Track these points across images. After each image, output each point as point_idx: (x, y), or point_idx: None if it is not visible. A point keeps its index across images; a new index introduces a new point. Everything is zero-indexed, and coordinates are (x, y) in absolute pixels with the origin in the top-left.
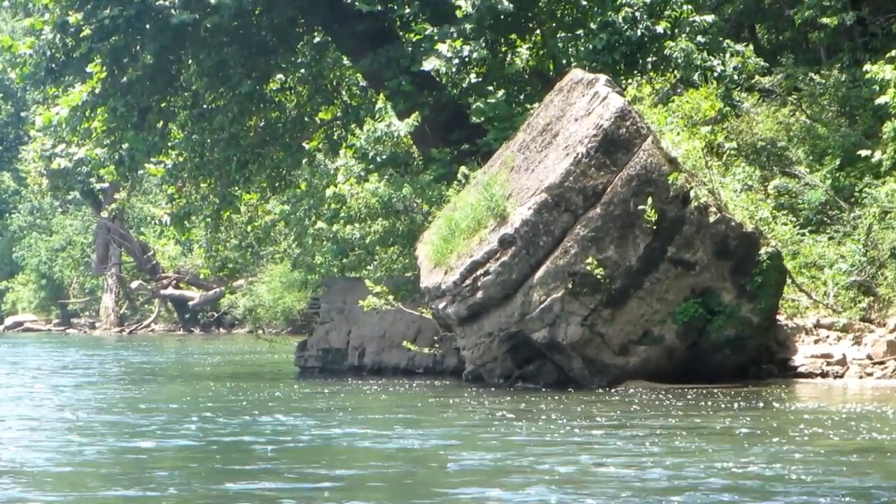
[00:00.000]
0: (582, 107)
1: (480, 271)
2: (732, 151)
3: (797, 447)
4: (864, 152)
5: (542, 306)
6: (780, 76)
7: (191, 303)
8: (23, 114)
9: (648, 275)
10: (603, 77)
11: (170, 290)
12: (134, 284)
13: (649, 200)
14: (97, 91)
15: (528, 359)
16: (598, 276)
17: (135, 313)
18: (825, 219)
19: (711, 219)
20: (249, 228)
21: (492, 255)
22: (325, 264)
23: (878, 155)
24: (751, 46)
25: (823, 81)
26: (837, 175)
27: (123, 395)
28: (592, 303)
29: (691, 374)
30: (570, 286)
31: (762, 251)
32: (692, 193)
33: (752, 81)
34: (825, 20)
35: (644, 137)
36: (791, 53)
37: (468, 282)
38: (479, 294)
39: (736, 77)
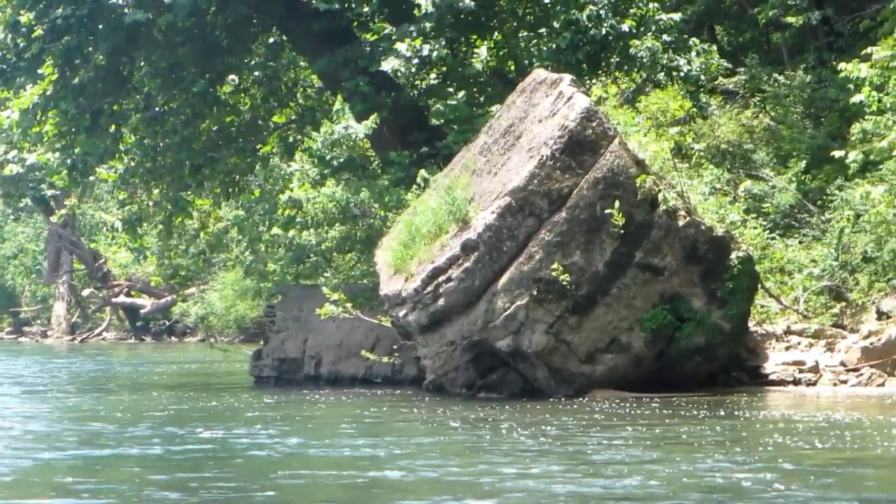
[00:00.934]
0: (546, 107)
1: (442, 278)
2: (701, 153)
3: (765, 457)
4: (838, 153)
5: (506, 314)
6: (744, 77)
7: (142, 311)
8: None
9: (616, 281)
10: (567, 77)
11: (121, 298)
12: (85, 292)
13: (616, 204)
14: (48, 93)
15: (492, 368)
16: (564, 283)
17: (86, 321)
18: (793, 222)
19: (680, 223)
20: (202, 235)
21: (454, 261)
22: (278, 272)
23: (852, 155)
24: (714, 46)
25: (788, 82)
26: (803, 178)
27: (68, 405)
28: (558, 310)
29: (660, 382)
30: (534, 293)
31: (733, 256)
32: (660, 196)
33: (715, 83)
34: (790, 19)
35: (611, 139)
36: (755, 54)
37: (429, 289)
38: (441, 301)
39: (703, 77)
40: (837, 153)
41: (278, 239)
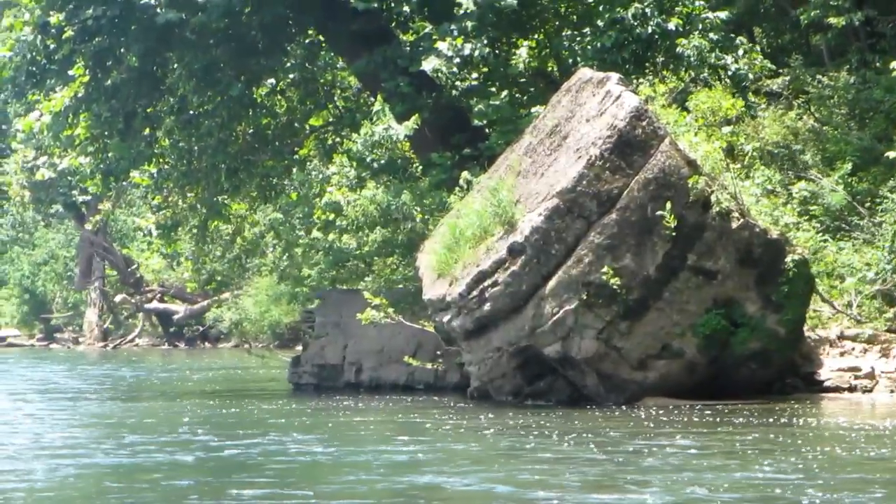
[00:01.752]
0: (593, 107)
1: (488, 282)
2: (754, 153)
3: (819, 466)
4: (892, 153)
5: (554, 319)
6: (788, 78)
7: (175, 317)
8: (3, 126)
9: (668, 285)
10: (615, 75)
11: (154, 304)
12: (118, 298)
13: (668, 205)
14: (80, 95)
15: (539, 374)
16: (614, 287)
17: (119, 327)
18: (843, 225)
19: (734, 224)
20: (238, 240)
21: (500, 264)
22: (315, 276)
23: None
24: (757, 47)
25: (832, 83)
26: (850, 180)
27: (110, 414)
28: (608, 315)
29: (714, 389)
30: (584, 297)
31: (788, 259)
32: (713, 198)
33: (759, 84)
34: (832, 20)
35: (661, 139)
36: (799, 55)
37: (475, 293)
38: (487, 306)
39: (751, 76)
40: (892, 154)
41: (317, 243)
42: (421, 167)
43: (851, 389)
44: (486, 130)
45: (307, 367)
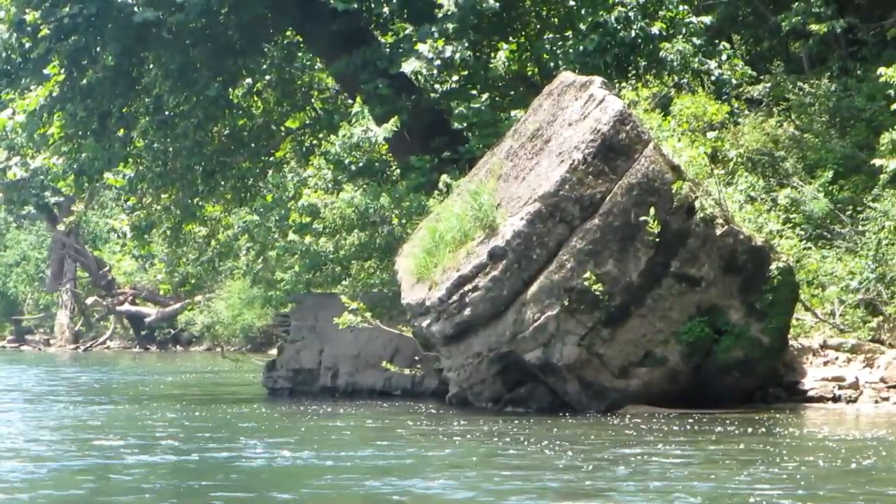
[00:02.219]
0: (576, 110)
1: (468, 287)
2: (739, 159)
3: (802, 477)
4: (878, 161)
5: (535, 325)
6: (769, 85)
7: (147, 319)
8: None
9: (651, 291)
10: (598, 79)
11: (126, 307)
12: (89, 300)
13: (652, 211)
14: (55, 94)
15: (520, 381)
16: (597, 293)
17: (90, 330)
18: (825, 233)
19: (718, 231)
20: (212, 242)
21: (481, 269)
22: (290, 280)
23: (893, 163)
24: (737, 53)
25: (813, 91)
26: (831, 188)
27: (80, 417)
28: (590, 321)
29: (696, 398)
30: (565, 303)
31: (773, 266)
32: (697, 204)
33: (739, 90)
34: (813, 27)
35: (645, 143)
36: (780, 62)
37: (455, 298)
38: (467, 311)
39: (734, 82)
40: (878, 161)
41: (294, 245)
42: (399, 170)
43: (835, 399)
44: (466, 134)
45: (282, 371)
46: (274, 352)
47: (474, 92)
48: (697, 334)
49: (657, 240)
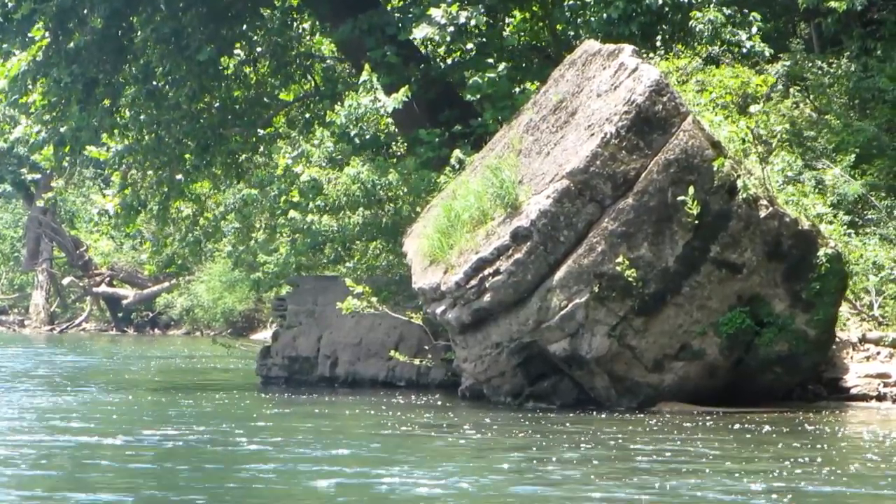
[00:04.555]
0: (605, 80)
1: (489, 270)
2: (784, 136)
3: (849, 480)
4: None
5: (562, 313)
6: (787, 63)
7: (124, 301)
8: None
9: (688, 278)
10: (628, 47)
11: (103, 288)
12: (65, 281)
13: (690, 190)
14: (39, 59)
15: (542, 374)
16: (629, 279)
17: (66, 311)
18: (856, 218)
19: (762, 213)
20: (201, 221)
21: (502, 251)
22: (278, 262)
23: None
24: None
25: (833, 71)
26: (853, 172)
27: (62, 406)
28: (622, 310)
29: (734, 395)
30: (595, 290)
31: (820, 253)
32: (739, 183)
33: (757, 68)
34: (833, 4)
35: (683, 116)
36: (799, 40)
37: (473, 283)
38: (487, 297)
39: (767, 54)
40: None
41: (295, 223)
42: (406, 145)
43: (880, 398)
44: (476, 107)
45: (277, 359)
46: (260, 336)
47: (490, 61)
48: (738, 326)
49: (696, 222)
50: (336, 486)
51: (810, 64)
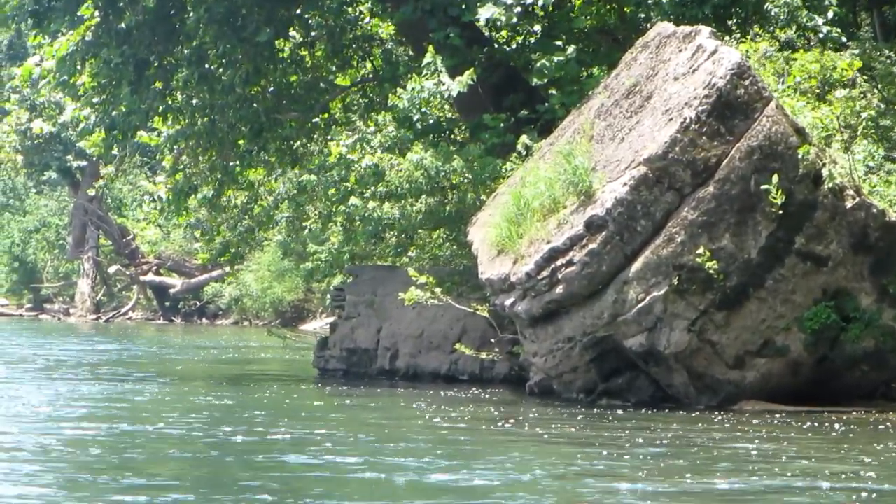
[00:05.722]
0: (681, 63)
1: (561, 261)
2: (870, 123)
3: None
4: None
5: (639, 306)
6: (856, 52)
7: (172, 290)
8: None
9: (771, 271)
10: (705, 29)
11: (150, 277)
12: (112, 269)
13: (774, 178)
14: (88, 39)
15: (617, 370)
16: (710, 271)
17: (112, 300)
18: None
19: (848, 204)
20: (255, 209)
21: (576, 241)
22: (330, 252)
23: None
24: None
25: None
26: None
27: (118, 396)
28: (702, 304)
29: (817, 393)
30: (674, 282)
31: None
32: (825, 172)
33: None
34: None
35: (766, 101)
36: (867, 29)
37: (545, 274)
38: (559, 289)
39: (844, 40)
40: None
41: (356, 210)
42: (468, 130)
43: None
44: (542, 92)
45: (335, 350)
46: (310, 327)
47: (558, 43)
48: (823, 321)
49: (780, 212)
50: (397, 480)
51: (878, 53)
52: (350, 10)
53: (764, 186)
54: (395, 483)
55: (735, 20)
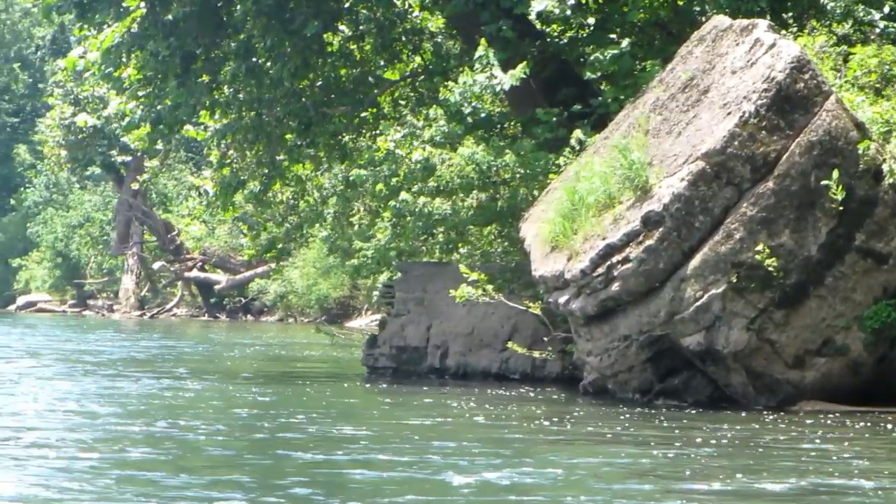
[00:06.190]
0: (739, 57)
1: (617, 258)
2: None
3: None
4: None
5: (696, 304)
6: None
7: (217, 287)
8: (40, 85)
9: (831, 268)
10: (763, 22)
11: (194, 273)
12: (156, 265)
13: (835, 174)
14: (134, 31)
15: (673, 370)
16: (770, 269)
17: (156, 296)
18: None
19: None
20: (301, 204)
21: (632, 237)
22: (377, 248)
23: None
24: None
25: None
26: None
27: (151, 392)
28: (761, 302)
29: (877, 393)
30: (733, 280)
31: None
32: (885, 168)
33: None
34: None
35: (826, 95)
36: None
37: (601, 270)
38: (615, 286)
39: None
40: None
41: (406, 205)
42: (519, 124)
43: None
44: (594, 86)
45: (385, 348)
46: (356, 324)
47: (613, 36)
48: (883, 320)
49: (840, 208)
50: (446, 479)
51: None
52: (399, 2)
53: (824, 182)
54: (443, 481)
55: (791, 14)
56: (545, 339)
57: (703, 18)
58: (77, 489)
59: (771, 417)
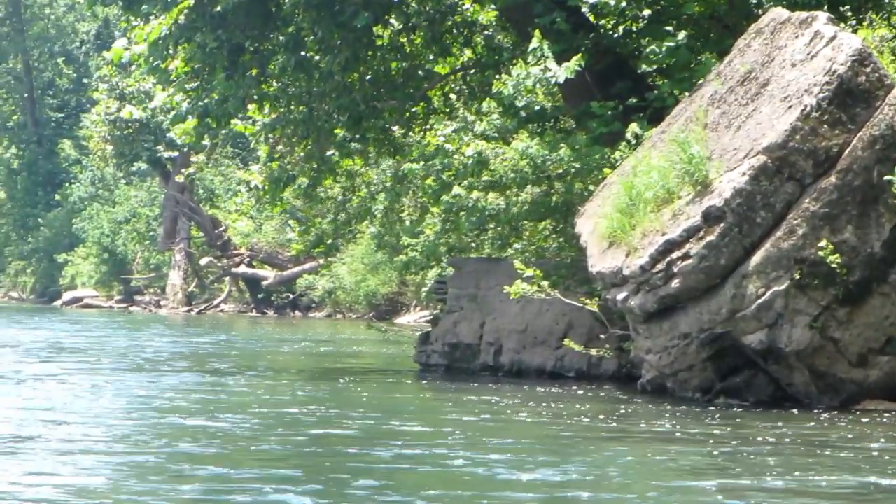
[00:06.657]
0: (798, 50)
1: (677, 254)
2: None
3: None
4: None
5: (758, 302)
6: None
7: (264, 283)
8: (85, 80)
9: (894, 265)
10: (822, 14)
11: (242, 269)
12: (203, 261)
13: None
14: (181, 23)
15: (735, 368)
16: (833, 265)
17: (203, 292)
18: None
19: None
20: (352, 200)
21: (692, 233)
22: (426, 244)
23: None
24: None
25: None
26: None
27: (208, 388)
28: (825, 299)
29: None
30: (796, 276)
31: None
32: None
33: None
34: None
35: (888, 89)
36: None
37: (660, 267)
38: (675, 283)
39: None
40: None
41: (458, 200)
42: (574, 118)
43: None
44: (649, 80)
45: (437, 345)
46: (404, 320)
47: (669, 28)
48: None
49: None
50: (496, 475)
51: None
52: None
53: (887, 177)
54: (493, 478)
55: (848, 7)
56: (601, 336)
57: (760, 11)
58: (132, 484)
59: (833, 416)
